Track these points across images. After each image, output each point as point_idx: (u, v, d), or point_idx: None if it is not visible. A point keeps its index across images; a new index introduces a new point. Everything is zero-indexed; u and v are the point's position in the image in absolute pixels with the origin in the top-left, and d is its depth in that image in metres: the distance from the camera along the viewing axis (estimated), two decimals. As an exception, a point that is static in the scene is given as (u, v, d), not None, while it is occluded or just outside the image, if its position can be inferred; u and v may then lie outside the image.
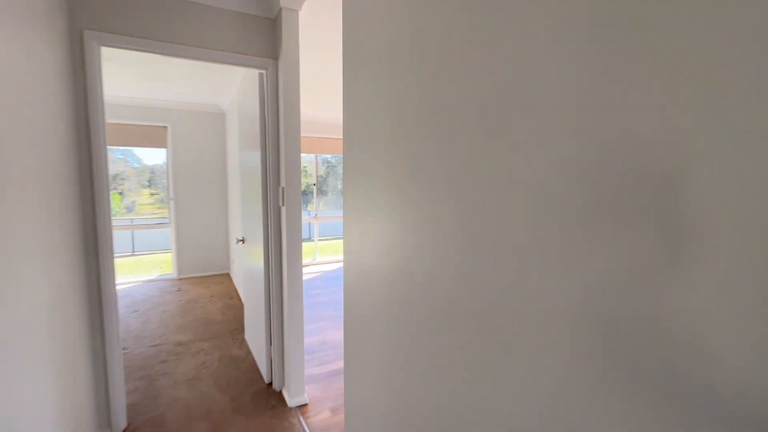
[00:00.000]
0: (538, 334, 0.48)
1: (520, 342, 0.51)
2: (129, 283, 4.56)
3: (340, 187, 10.74)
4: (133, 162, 8.42)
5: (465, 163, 0.59)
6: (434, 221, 0.67)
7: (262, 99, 2.13)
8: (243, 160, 2.76)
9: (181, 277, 4.81)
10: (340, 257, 6.12)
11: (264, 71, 2.08)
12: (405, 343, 0.80)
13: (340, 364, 2.57)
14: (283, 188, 2.04)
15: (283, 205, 2.04)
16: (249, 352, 2.72)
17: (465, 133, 0.58)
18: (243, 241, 2.80)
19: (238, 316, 3.44)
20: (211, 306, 3.71)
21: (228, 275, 4.95)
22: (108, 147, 1.82)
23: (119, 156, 8.12)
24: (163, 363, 2.55)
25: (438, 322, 0.68)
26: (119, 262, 7.17)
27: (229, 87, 3.84)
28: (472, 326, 0.59)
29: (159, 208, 7.76)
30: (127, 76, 3.49)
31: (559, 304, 0.45)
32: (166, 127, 4.63)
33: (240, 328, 3.16)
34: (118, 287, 4.33)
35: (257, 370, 2.48)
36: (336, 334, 3.07)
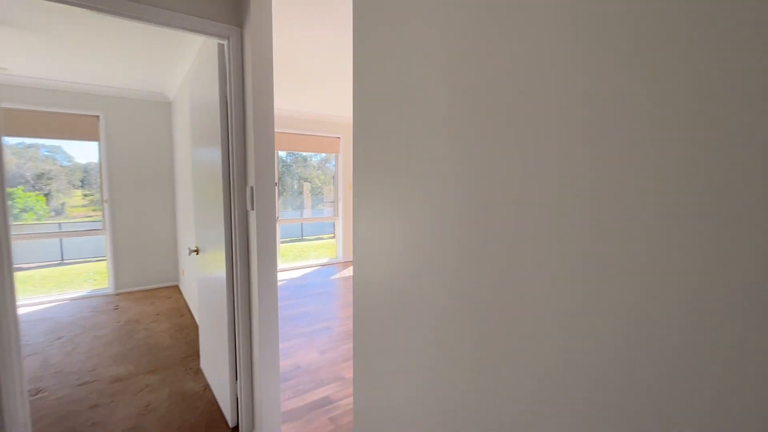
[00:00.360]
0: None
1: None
2: (51, 301, 3.83)
3: (296, 186, 10.21)
4: (63, 160, 7.41)
5: (481, 164, 0.53)
6: (463, 222, 0.57)
7: (223, 77, 1.71)
8: (197, 156, 2.29)
9: (120, 291, 4.13)
10: (305, 263, 5.67)
11: (225, 41, 1.66)
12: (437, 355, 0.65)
13: (320, 393, 2.20)
14: (252, 188, 1.63)
15: (253, 208, 1.64)
16: (207, 386, 2.26)
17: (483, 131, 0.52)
18: (197, 251, 2.34)
19: (192, 338, 2.93)
20: (157, 327, 3.15)
21: (177, 288, 4.34)
22: (28, 141, 1.32)
23: (45, 153, 7.09)
24: (94, 408, 2.03)
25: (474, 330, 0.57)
26: (42, 274, 6.19)
27: (176, 69, 3.29)
28: (516, 332, 0.50)
29: (94, 210, 6.87)
30: (43, 50, 2.85)
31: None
32: (97, 116, 3.94)
33: (194, 353, 2.67)
34: (36, 308, 3.62)
35: (218, 409, 2.04)
36: (311, 355, 2.67)
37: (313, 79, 3.55)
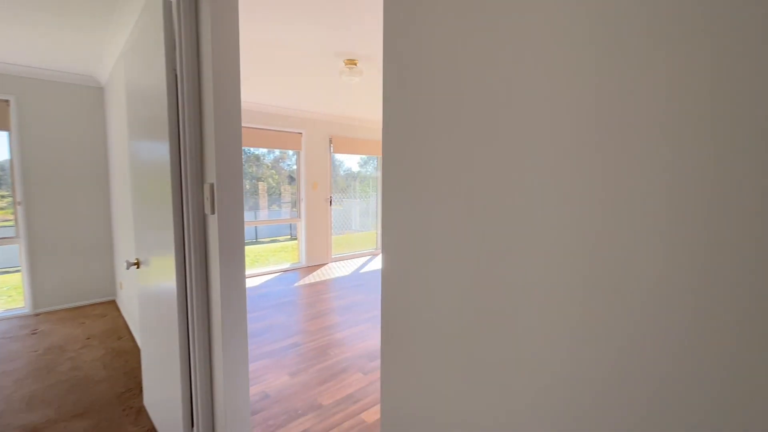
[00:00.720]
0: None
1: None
2: (-53, 327, 3.11)
3: (248, 186, 9.60)
4: (-26, 156, 6.30)
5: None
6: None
7: (170, 46, 1.34)
8: (137, 150, 1.87)
9: (39, 311, 3.47)
10: (264, 269, 5.22)
11: (174, -3, 1.29)
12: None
13: (296, 427, 1.87)
14: (212, 186, 1.28)
15: (213, 212, 1.29)
16: (152, 431, 1.85)
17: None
18: (138, 264, 1.91)
19: (133, 366, 2.45)
20: (87, 355, 2.62)
21: (114, 304, 3.74)
22: None
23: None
24: (-5, 474, 1.55)
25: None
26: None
27: (109, 44, 2.77)
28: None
29: (12, 213, 5.93)
30: (-74, 13, 2.24)
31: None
32: (7, 101, 3.27)
33: (136, 387, 2.21)
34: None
35: (169, 461, 1.65)
36: (280, 380, 2.32)
37: (272, 67, 3.17)
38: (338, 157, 5.80)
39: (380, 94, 3.72)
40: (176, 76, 1.36)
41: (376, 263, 5.85)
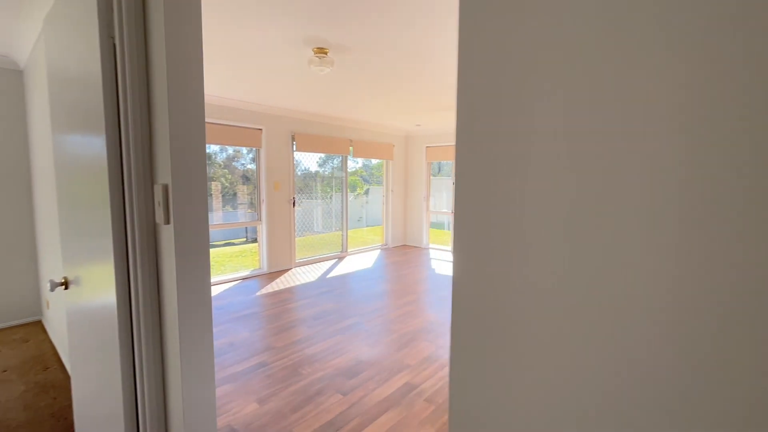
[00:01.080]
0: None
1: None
2: None
3: (202, 187, 8.92)
4: None
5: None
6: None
7: (106, 10, 1.03)
8: (62, 146, 1.51)
9: (-60, 338, 2.87)
10: (221, 277, 4.78)
11: (109, -60, 0.99)
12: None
13: (270, 470, 1.60)
14: (166, 187, 0.99)
15: (168, 221, 1.00)
16: (89, 489, 1.49)
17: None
18: (66, 284, 1.55)
19: (62, 405, 2.03)
20: (2, 394, 2.15)
21: (40, 325, 3.19)
22: None
23: None
24: None
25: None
26: None
27: (28, 17, 2.31)
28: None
29: None
30: None
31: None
32: None
33: (66, 430, 1.82)
34: None
35: None
36: (248, 408, 2.02)
37: (229, 55, 2.84)
38: (295, 155, 5.47)
39: (354, 87, 3.42)
40: (114, 45, 1.06)
41: (344, 267, 5.59)
